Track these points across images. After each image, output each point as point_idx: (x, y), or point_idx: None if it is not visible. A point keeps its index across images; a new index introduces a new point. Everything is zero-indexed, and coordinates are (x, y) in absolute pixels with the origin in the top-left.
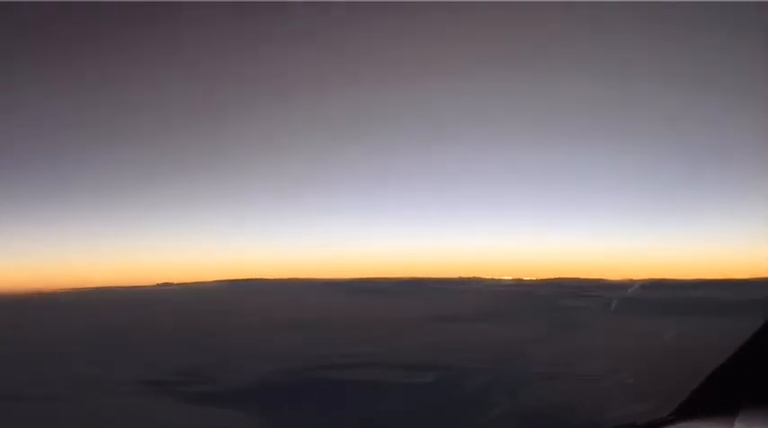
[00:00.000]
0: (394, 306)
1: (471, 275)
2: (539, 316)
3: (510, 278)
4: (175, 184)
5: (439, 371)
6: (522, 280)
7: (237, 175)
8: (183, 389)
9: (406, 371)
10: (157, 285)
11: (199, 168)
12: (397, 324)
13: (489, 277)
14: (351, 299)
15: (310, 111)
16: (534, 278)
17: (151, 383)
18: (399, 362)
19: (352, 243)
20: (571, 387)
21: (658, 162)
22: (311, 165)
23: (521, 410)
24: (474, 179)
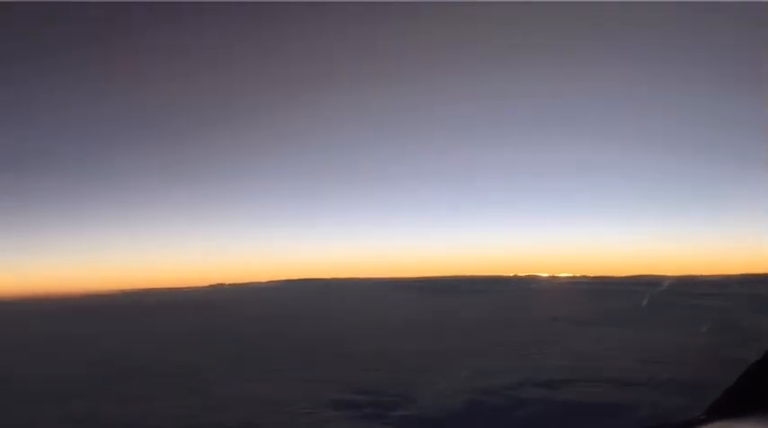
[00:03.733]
0: (490, 305)
1: (528, 273)
2: (662, 316)
3: (568, 274)
4: (218, 188)
5: (662, 387)
6: (587, 277)
7: (283, 177)
8: (388, 413)
9: (623, 387)
10: (210, 286)
11: (240, 169)
12: (527, 326)
13: (547, 275)
14: (439, 299)
15: (358, 110)
16: (594, 275)
17: (343, 405)
18: (603, 376)
19: (395, 242)
20: None
21: (684, 158)
22: (356, 166)
23: None
24: (512, 179)
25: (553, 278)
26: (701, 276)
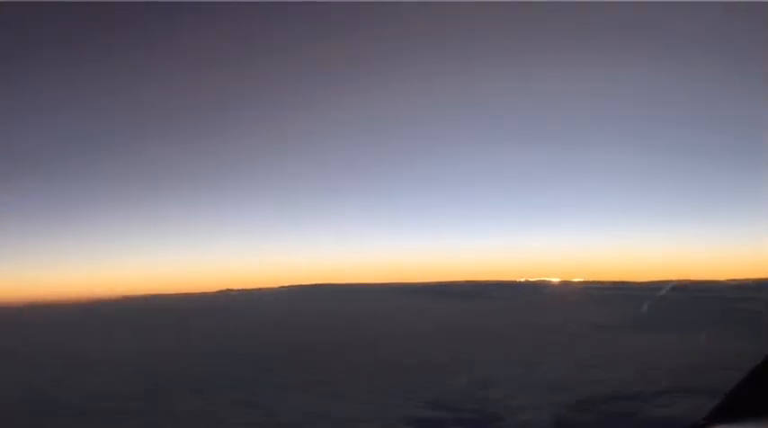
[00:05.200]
0: (510, 310)
1: (538, 277)
2: (700, 320)
3: (580, 279)
4: (222, 191)
5: None
6: (600, 281)
7: (288, 183)
8: None
9: (712, 397)
10: (218, 291)
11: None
12: (560, 333)
13: (558, 279)
14: (455, 304)
15: (363, 112)
16: (607, 279)
17: (425, 423)
18: (682, 385)
19: (404, 246)
20: None
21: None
22: (365, 170)
23: None
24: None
25: (565, 283)
26: (723, 281)
